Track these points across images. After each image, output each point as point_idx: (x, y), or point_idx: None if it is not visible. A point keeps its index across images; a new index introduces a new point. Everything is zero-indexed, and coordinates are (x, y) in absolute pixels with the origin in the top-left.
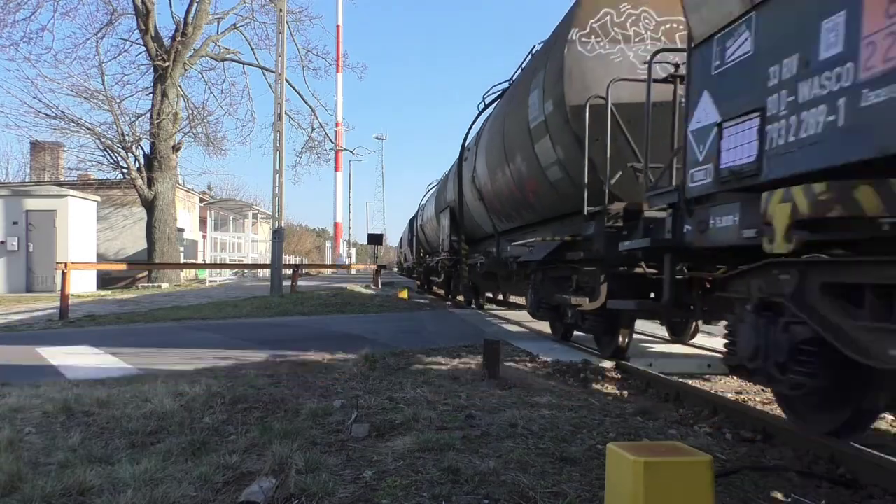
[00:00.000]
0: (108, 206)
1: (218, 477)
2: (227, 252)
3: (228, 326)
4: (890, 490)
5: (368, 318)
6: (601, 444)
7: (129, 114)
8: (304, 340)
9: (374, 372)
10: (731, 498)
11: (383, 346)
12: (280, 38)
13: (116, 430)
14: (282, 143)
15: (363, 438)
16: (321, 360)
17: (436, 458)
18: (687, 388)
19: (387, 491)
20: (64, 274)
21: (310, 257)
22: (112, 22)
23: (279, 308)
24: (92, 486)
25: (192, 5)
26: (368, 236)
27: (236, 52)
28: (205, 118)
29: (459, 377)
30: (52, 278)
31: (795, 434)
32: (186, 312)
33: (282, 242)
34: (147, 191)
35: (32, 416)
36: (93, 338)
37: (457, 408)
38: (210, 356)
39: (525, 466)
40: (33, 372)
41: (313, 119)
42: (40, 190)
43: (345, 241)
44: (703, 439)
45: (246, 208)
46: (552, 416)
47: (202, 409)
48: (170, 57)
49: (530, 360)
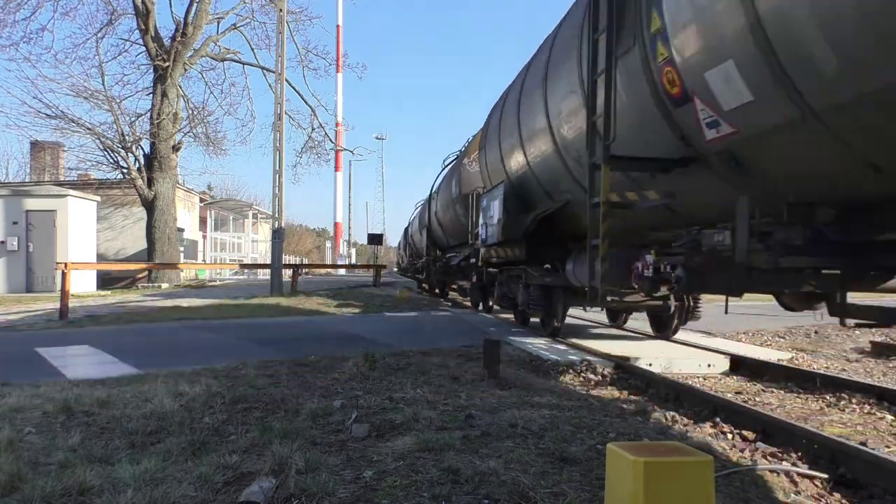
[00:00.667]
0: (108, 206)
1: (218, 477)
2: (227, 252)
3: (228, 326)
4: (890, 490)
5: (368, 318)
6: (601, 444)
7: (129, 114)
8: (304, 340)
9: (374, 372)
10: (731, 498)
11: (383, 346)
12: (280, 38)
13: (116, 430)
14: (282, 143)
15: (363, 438)
16: (321, 360)
17: (436, 458)
18: (687, 388)
19: (387, 491)
20: (64, 274)
21: (310, 257)
22: (112, 22)
23: (279, 308)
24: (92, 486)
25: (192, 5)
26: (368, 236)
27: (236, 52)
28: (205, 118)
29: (459, 377)
30: (52, 278)
31: (796, 434)
32: (186, 312)
33: (282, 242)
34: (147, 191)
35: (32, 416)
36: (93, 338)
37: (457, 408)
38: (210, 356)
39: (525, 466)
40: (33, 372)
41: (313, 119)
42: (40, 190)
43: (345, 241)
44: (703, 439)
45: (246, 208)
46: (552, 416)
47: (202, 409)
48: (170, 57)
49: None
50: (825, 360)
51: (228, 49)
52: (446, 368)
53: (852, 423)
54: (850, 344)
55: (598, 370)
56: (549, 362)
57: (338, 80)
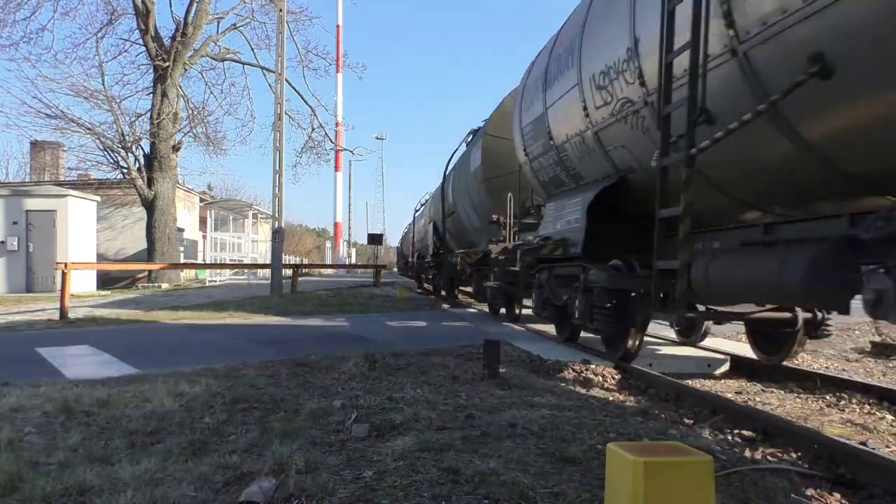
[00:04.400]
0: (108, 206)
1: (218, 477)
2: (227, 252)
3: (228, 326)
4: (890, 490)
5: (368, 318)
6: (601, 444)
7: (129, 114)
8: (304, 340)
9: (374, 372)
10: (731, 498)
11: (383, 346)
12: (280, 38)
13: (116, 430)
14: (282, 143)
15: (363, 438)
16: (321, 360)
17: (436, 458)
18: (687, 388)
19: (387, 491)
20: (64, 274)
21: (310, 257)
22: (112, 22)
23: (279, 308)
24: (92, 486)
25: (192, 5)
26: (368, 236)
27: (236, 52)
28: (205, 118)
29: (459, 377)
30: (52, 278)
31: (795, 434)
32: (186, 312)
33: (282, 242)
34: (147, 191)
35: (32, 416)
36: (93, 338)
37: (457, 408)
38: (210, 356)
39: (525, 466)
40: (33, 372)
41: (313, 119)
42: (40, 190)
43: (345, 241)
44: (703, 439)
45: (246, 208)
46: (552, 416)
47: (202, 409)
48: (170, 57)
49: (529, 360)
50: (825, 360)
51: (228, 49)
52: (446, 368)
53: (852, 423)
54: (850, 344)
55: (598, 370)
56: (549, 362)
57: (338, 80)
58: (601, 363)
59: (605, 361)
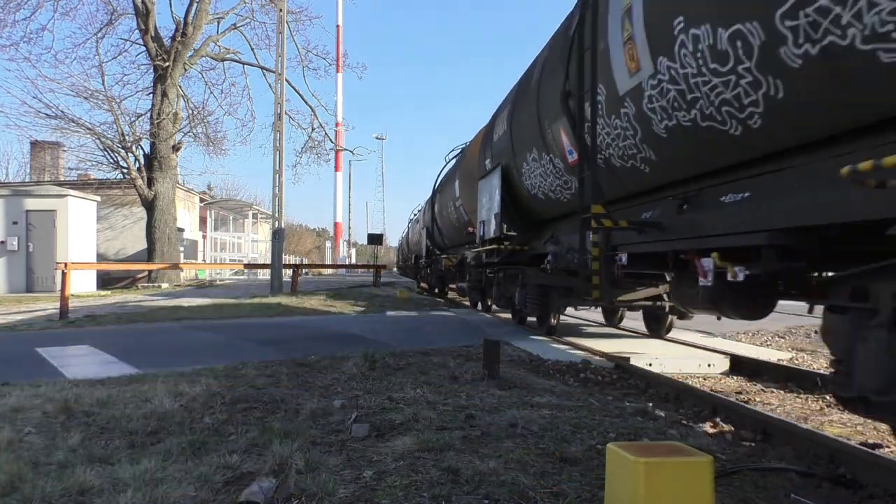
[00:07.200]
0: (108, 206)
1: (218, 477)
2: (227, 252)
3: (228, 326)
4: (890, 490)
5: (368, 318)
6: (601, 444)
7: (129, 114)
8: (304, 340)
9: (374, 372)
10: (731, 498)
11: (383, 346)
12: (280, 38)
13: (116, 430)
14: (282, 143)
15: (363, 438)
16: (321, 360)
17: (436, 458)
18: (687, 387)
19: (387, 491)
20: (64, 274)
21: (310, 257)
22: (112, 22)
23: (279, 308)
24: (92, 486)
25: (192, 5)
26: (368, 236)
27: (236, 52)
28: (205, 118)
29: (459, 377)
30: (52, 278)
31: (795, 434)
32: (187, 312)
33: (282, 242)
34: (147, 191)
35: (32, 416)
36: (93, 338)
37: (457, 408)
38: (210, 356)
39: (525, 466)
40: (33, 372)
41: (313, 119)
42: (40, 190)
43: (345, 242)
44: (703, 439)
45: (246, 208)
46: (552, 416)
47: (202, 409)
48: (170, 57)
49: (529, 360)
50: (825, 359)
51: (228, 49)
52: (446, 368)
53: (852, 423)
54: None
55: (599, 370)
56: (549, 362)
57: (338, 80)
58: (602, 363)
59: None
